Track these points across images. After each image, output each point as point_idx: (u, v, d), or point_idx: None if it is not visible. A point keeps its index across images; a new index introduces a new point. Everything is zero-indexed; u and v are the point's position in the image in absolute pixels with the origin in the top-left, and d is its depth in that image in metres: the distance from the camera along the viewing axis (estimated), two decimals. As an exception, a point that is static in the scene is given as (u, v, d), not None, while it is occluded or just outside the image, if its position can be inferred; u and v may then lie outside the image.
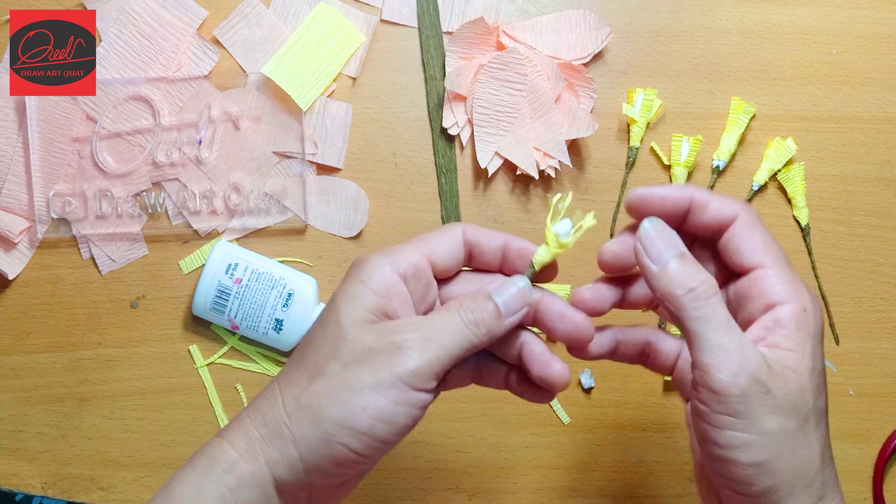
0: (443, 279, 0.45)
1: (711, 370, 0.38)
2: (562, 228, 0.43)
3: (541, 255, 0.43)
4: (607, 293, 0.45)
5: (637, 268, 0.42)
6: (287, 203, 0.65)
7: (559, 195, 0.43)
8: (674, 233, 0.41)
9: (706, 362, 0.38)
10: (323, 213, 0.65)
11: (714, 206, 0.41)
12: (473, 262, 0.45)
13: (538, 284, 0.44)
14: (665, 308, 0.40)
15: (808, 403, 0.39)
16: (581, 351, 0.45)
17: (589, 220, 0.43)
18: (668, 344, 0.46)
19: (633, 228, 0.43)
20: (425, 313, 0.44)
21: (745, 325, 0.41)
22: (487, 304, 0.42)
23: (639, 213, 0.42)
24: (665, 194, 0.42)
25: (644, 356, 0.46)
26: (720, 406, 0.38)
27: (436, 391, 0.41)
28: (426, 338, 0.40)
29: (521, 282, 0.43)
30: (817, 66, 0.67)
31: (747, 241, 0.41)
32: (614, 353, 0.46)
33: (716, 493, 0.42)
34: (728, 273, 0.43)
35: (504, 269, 0.45)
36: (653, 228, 0.41)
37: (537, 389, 0.45)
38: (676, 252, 0.40)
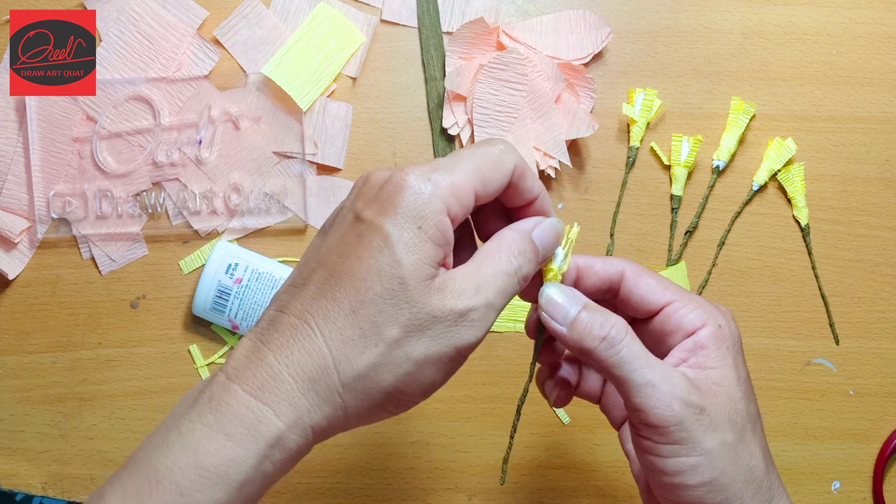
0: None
1: (645, 409, 0.39)
2: (556, 258, 0.43)
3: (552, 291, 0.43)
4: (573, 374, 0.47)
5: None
6: (287, 203, 0.65)
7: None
8: (573, 289, 0.42)
9: (638, 403, 0.39)
10: (323, 213, 0.65)
11: (598, 266, 0.43)
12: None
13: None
14: (586, 362, 0.41)
15: (742, 413, 0.40)
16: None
17: (574, 231, 0.43)
18: (593, 375, 0.48)
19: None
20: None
21: (667, 355, 0.42)
22: (532, 249, 0.40)
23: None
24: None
25: (574, 385, 0.48)
26: (662, 438, 0.39)
27: None
28: (487, 303, 0.38)
29: (559, 225, 0.42)
30: (817, 66, 0.67)
31: (645, 286, 0.43)
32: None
33: None
34: (633, 319, 0.44)
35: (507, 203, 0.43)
36: (553, 293, 0.42)
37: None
38: (580, 305, 0.41)
